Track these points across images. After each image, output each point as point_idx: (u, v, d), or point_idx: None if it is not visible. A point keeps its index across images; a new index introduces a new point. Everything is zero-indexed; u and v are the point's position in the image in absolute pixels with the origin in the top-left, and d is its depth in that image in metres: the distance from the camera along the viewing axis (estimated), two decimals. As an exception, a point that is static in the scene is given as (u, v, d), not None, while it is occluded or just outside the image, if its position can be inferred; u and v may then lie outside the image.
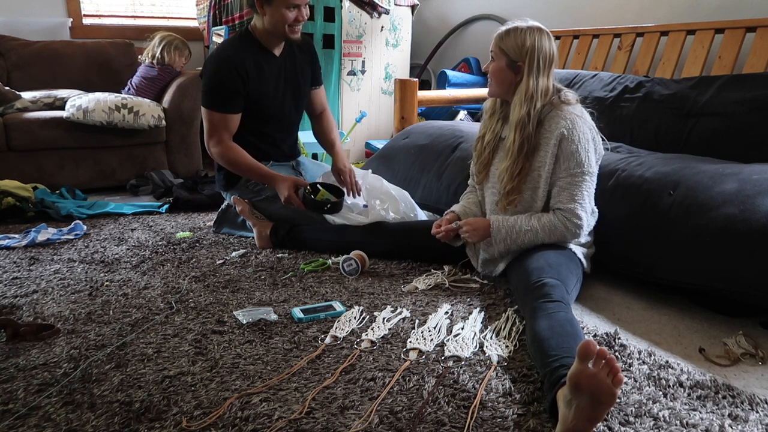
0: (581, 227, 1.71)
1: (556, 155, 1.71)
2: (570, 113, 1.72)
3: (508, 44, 1.74)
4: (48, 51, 3.49)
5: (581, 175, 1.70)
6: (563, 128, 1.69)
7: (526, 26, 1.75)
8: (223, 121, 2.17)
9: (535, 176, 1.75)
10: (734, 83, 2.16)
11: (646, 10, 2.94)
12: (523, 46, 1.72)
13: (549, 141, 1.71)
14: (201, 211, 2.78)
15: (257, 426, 1.17)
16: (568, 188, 1.71)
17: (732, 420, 1.21)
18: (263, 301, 1.77)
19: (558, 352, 1.25)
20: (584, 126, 1.72)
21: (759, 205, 1.59)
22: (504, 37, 1.76)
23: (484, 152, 1.89)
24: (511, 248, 1.77)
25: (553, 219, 1.71)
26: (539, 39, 1.73)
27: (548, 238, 1.72)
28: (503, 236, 1.76)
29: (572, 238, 1.74)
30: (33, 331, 1.53)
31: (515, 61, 1.74)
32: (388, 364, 1.41)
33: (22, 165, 2.92)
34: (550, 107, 1.75)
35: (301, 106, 2.44)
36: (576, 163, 1.69)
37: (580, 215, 1.70)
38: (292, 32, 2.16)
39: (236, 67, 2.13)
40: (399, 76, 3.92)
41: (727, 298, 1.68)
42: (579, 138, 1.69)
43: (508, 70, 1.76)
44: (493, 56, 1.80)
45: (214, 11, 3.95)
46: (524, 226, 1.73)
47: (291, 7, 2.10)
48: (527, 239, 1.74)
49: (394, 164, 2.69)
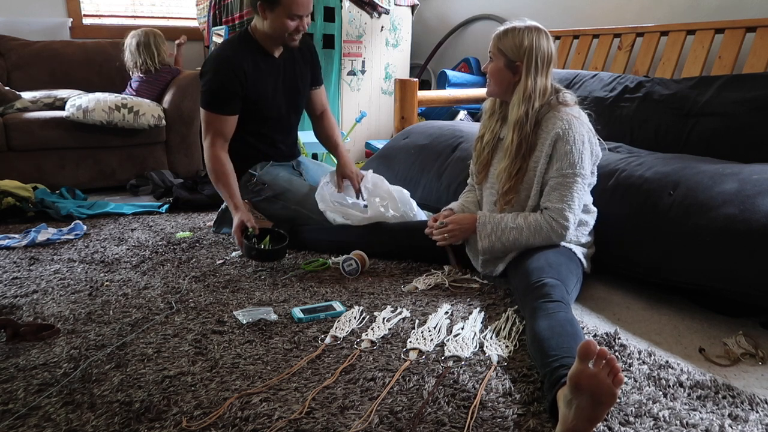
0: (567, 229, 1.71)
1: (550, 155, 1.71)
2: (567, 114, 1.72)
3: (506, 44, 1.75)
4: (48, 51, 3.49)
5: (573, 176, 1.70)
6: (559, 128, 1.69)
7: (524, 26, 1.75)
8: (218, 122, 2.15)
9: (530, 176, 1.75)
10: (734, 83, 2.16)
11: (646, 10, 2.94)
12: (521, 45, 1.72)
13: (545, 141, 1.71)
14: (201, 211, 2.78)
15: (257, 426, 1.17)
16: (559, 189, 1.71)
17: (732, 420, 1.21)
18: (263, 301, 1.77)
19: (558, 352, 1.25)
20: (581, 128, 1.72)
21: (759, 205, 1.59)
22: (502, 38, 1.76)
23: (483, 152, 1.90)
24: (496, 246, 1.77)
25: (540, 219, 1.71)
26: (537, 39, 1.73)
27: (532, 238, 1.72)
28: (488, 232, 1.76)
29: (557, 239, 1.73)
30: (33, 331, 1.53)
31: (513, 61, 1.74)
32: (388, 364, 1.41)
33: (22, 165, 2.92)
34: (548, 108, 1.75)
35: (300, 107, 2.43)
36: (569, 164, 1.69)
37: (568, 217, 1.70)
38: (292, 40, 2.16)
39: (234, 69, 2.12)
40: (399, 76, 3.93)
41: (727, 298, 1.68)
42: (574, 139, 1.69)
43: (506, 70, 1.76)
44: (491, 56, 1.80)
45: (214, 11, 3.95)
46: (510, 223, 1.74)
47: (293, 17, 2.10)
48: (512, 237, 1.74)
49: (394, 164, 2.69)
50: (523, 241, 1.74)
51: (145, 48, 3.27)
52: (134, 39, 3.28)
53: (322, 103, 2.50)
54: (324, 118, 2.50)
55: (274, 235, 2.06)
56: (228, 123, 2.17)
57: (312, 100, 2.46)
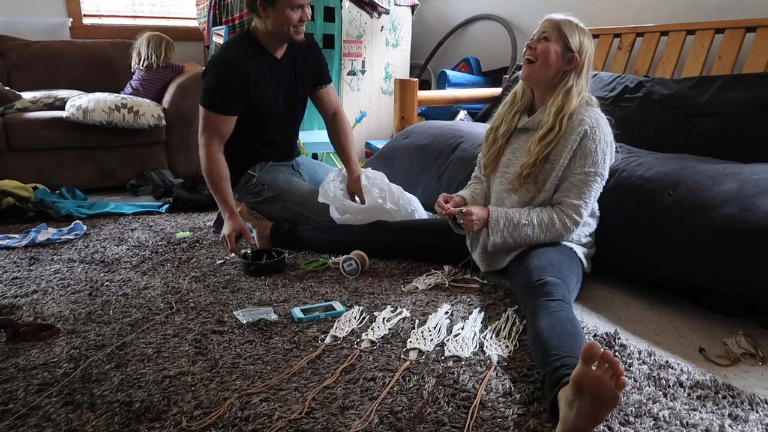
0: (577, 224, 1.72)
1: (574, 151, 1.71)
2: (595, 113, 1.73)
3: (570, 33, 1.73)
4: (48, 51, 3.49)
5: (594, 176, 1.70)
6: (587, 126, 1.69)
7: (582, 24, 1.77)
8: (216, 121, 2.13)
9: (548, 168, 1.74)
10: (734, 83, 2.16)
11: (646, 10, 2.94)
12: (583, 41, 1.74)
13: (570, 136, 1.71)
14: (201, 211, 2.78)
15: (257, 426, 1.17)
16: (579, 186, 1.70)
17: (732, 420, 1.20)
18: (263, 301, 1.77)
19: (559, 352, 1.25)
20: (607, 128, 1.73)
21: (759, 205, 1.59)
22: (567, 25, 1.74)
23: (497, 143, 1.87)
24: (507, 241, 1.74)
25: (552, 215, 1.71)
26: (590, 41, 1.76)
27: (544, 235, 1.72)
28: (501, 228, 1.74)
29: (566, 235, 1.74)
30: (33, 331, 1.53)
31: (572, 51, 1.73)
32: (388, 364, 1.41)
33: (22, 165, 2.92)
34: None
35: (301, 110, 2.42)
36: (592, 162, 1.69)
37: (582, 213, 1.71)
38: (296, 33, 2.14)
39: (239, 69, 2.12)
40: (399, 76, 3.93)
41: (727, 298, 1.68)
42: (600, 138, 1.70)
43: (561, 57, 1.74)
44: (547, 36, 1.74)
45: (214, 11, 3.95)
46: (522, 219, 1.73)
47: (295, 7, 2.08)
48: (524, 233, 1.72)
49: (394, 164, 2.69)
50: (535, 238, 1.72)
51: (155, 46, 3.30)
52: (146, 38, 3.32)
53: (332, 103, 2.43)
54: (337, 122, 2.43)
55: (270, 254, 2.06)
56: (227, 123, 2.16)
57: (321, 99, 2.41)
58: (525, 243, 1.75)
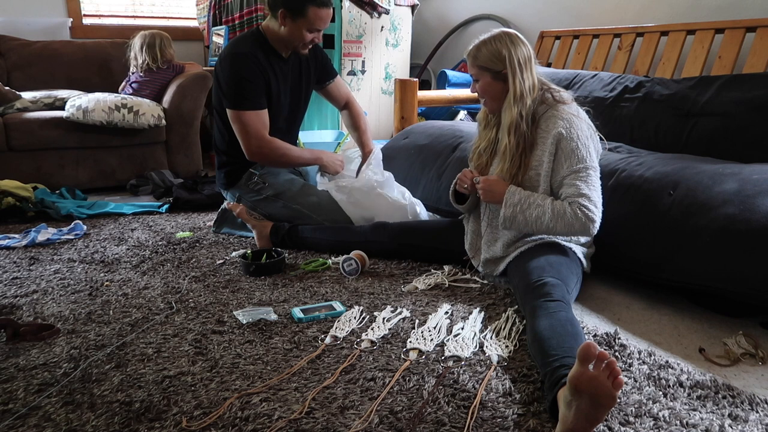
0: (593, 218, 1.64)
1: (554, 155, 1.71)
2: (566, 112, 1.72)
3: (484, 58, 1.75)
4: (48, 51, 3.49)
5: (585, 170, 1.69)
6: (561, 128, 1.69)
7: (493, 36, 1.76)
8: (257, 118, 2.16)
9: (532, 176, 1.74)
10: (734, 83, 2.16)
11: (646, 10, 2.94)
12: (499, 53, 1.73)
13: (546, 140, 1.71)
14: (201, 211, 2.78)
15: (257, 426, 1.17)
16: (575, 183, 1.69)
17: (732, 420, 1.21)
18: (263, 301, 1.77)
19: (559, 352, 1.25)
20: (581, 123, 1.72)
21: (759, 205, 1.59)
22: (477, 55, 1.77)
23: (482, 159, 1.90)
24: (518, 218, 1.71)
25: (565, 204, 1.67)
26: (509, 41, 1.74)
27: (553, 221, 1.67)
28: (515, 201, 1.72)
29: (581, 228, 1.66)
30: (33, 331, 1.53)
31: (498, 70, 1.74)
32: (388, 364, 1.41)
33: (22, 165, 2.92)
34: (545, 107, 1.75)
35: (303, 108, 2.44)
36: (578, 159, 1.68)
37: (593, 201, 1.65)
38: (303, 48, 2.21)
39: (256, 63, 2.14)
40: (399, 76, 3.93)
41: (727, 298, 1.68)
42: (578, 135, 1.69)
43: (495, 83, 1.77)
44: (475, 77, 1.81)
45: (214, 11, 3.95)
46: (538, 200, 1.70)
47: (313, 30, 2.14)
48: (534, 214, 1.69)
49: (394, 164, 2.69)
50: (544, 223, 1.68)
51: (149, 48, 3.27)
52: (140, 39, 3.29)
53: (342, 94, 2.50)
54: (350, 108, 2.51)
55: (270, 254, 2.06)
56: (265, 117, 2.19)
57: (332, 93, 2.48)
58: (533, 227, 1.71)
